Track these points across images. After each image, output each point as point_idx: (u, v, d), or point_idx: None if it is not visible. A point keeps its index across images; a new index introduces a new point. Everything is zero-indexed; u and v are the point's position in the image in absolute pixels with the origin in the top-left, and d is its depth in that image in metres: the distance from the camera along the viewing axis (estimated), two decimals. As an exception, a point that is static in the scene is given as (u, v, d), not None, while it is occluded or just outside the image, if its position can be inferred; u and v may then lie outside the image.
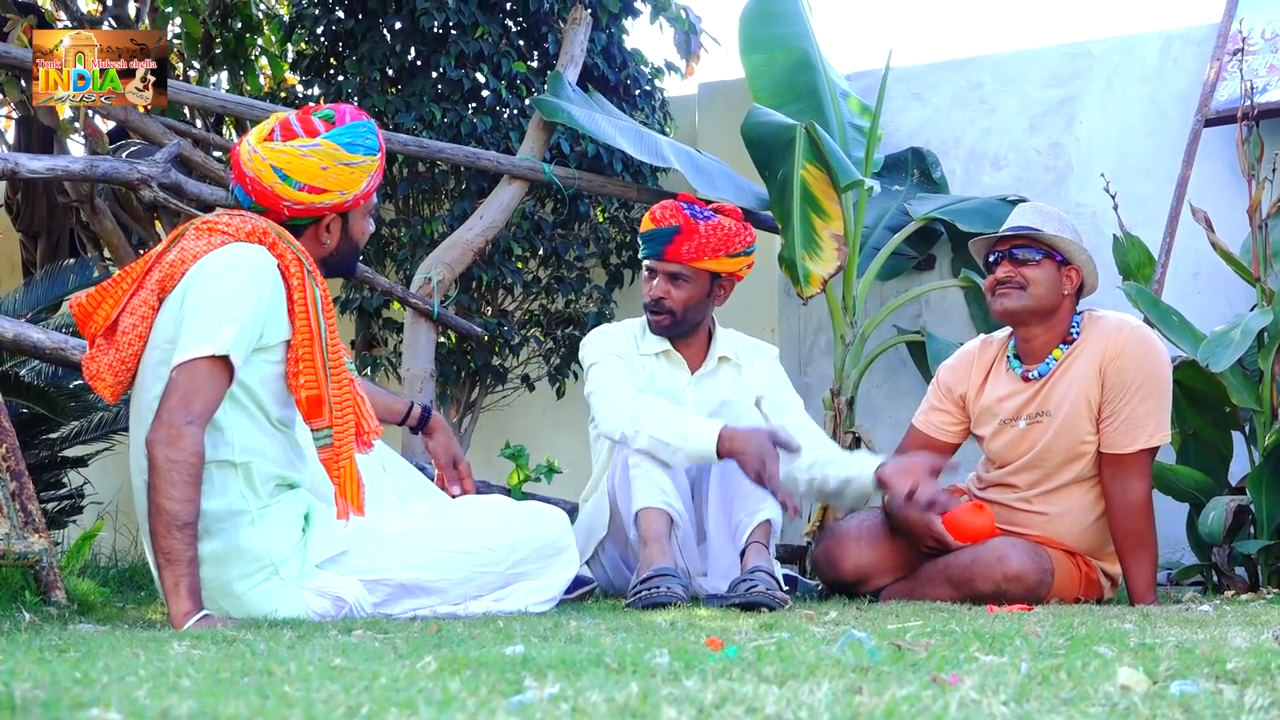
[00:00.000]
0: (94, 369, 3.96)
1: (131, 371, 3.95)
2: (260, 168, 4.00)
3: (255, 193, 4.03)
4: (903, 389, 7.18)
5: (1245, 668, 2.39)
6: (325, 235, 4.12)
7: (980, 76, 7.38)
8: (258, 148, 4.02)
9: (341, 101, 7.00)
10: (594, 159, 7.08)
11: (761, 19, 6.96)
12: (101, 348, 3.95)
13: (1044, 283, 5.03)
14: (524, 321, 7.44)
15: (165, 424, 3.67)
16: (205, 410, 3.72)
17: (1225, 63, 6.54)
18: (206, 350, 3.72)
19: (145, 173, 5.66)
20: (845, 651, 2.61)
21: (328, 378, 3.89)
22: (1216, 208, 6.08)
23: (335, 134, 4.04)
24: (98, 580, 4.83)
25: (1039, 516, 5.08)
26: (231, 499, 3.86)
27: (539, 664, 2.41)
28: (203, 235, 3.95)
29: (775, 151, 6.29)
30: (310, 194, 4.02)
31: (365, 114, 4.17)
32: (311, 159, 4.00)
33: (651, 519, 4.70)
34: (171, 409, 3.69)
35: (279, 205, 4.02)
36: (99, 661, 2.57)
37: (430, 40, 7.07)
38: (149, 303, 3.92)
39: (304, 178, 4.00)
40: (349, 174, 4.05)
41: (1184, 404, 5.65)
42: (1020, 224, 5.10)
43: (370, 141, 4.08)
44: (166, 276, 3.90)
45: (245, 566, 3.86)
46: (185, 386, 3.71)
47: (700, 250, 5.08)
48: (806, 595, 5.33)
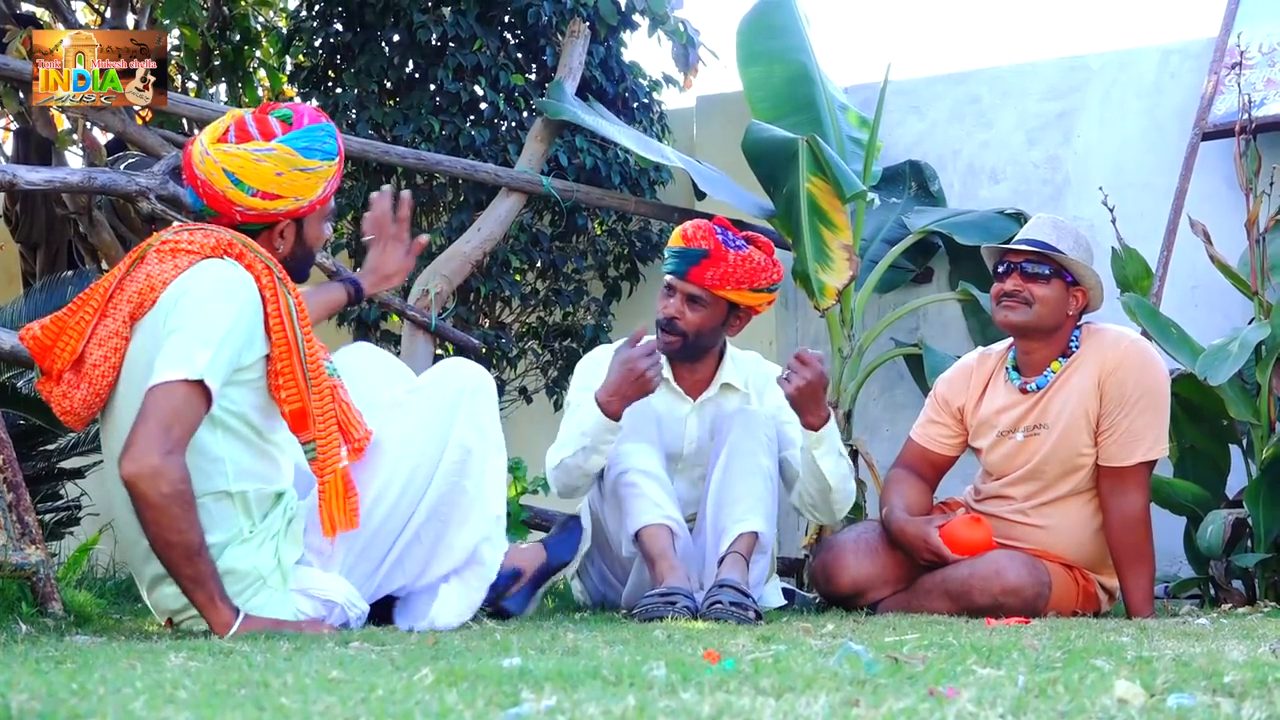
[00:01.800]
0: (66, 405, 3.83)
1: (104, 402, 3.82)
2: (212, 170, 3.87)
3: (207, 196, 3.90)
4: (900, 401, 7.18)
5: (1242, 681, 2.39)
6: (279, 241, 3.99)
7: (978, 90, 7.39)
8: (210, 149, 3.89)
9: (339, 114, 7.02)
10: (592, 171, 7.08)
11: (759, 32, 6.96)
12: (70, 383, 3.81)
13: (1051, 301, 5.02)
14: (522, 334, 7.44)
15: (144, 455, 3.55)
16: (183, 437, 3.61)
17: (1223, 76, 6.55)
18: (182, 374, 3.61)
19: (143, 185, 5.65)
20: (842, 664, 2.61)
21: (309, 388, 3.79)
22: (1214, 221, 6.08)
23: (291, 138, 3.92)
24: (94, 592, 4.82)
25: (1036, 529, 5.08)
26: (229, 531, 3.80)
27: (536, 676, 2.41)
28: (166, 258, 3.83)
29: (779, 166, 6.29)
30: (264, 200, 3.90)
31: (324, 116, 4.06)
32: (265, 164, 3.87)
33: (655, 535, 4.70)
34: (150, 435, 3.57)
35: (231, 210, 3.90)
36: (95, 673, 2.57)
37: (428, 53, 7.07)
38: (119, 332, 3.78)
39: (257, 183, 3.88)
40: (305, 179, 3.93)
41: (1182, 417, 5.65)
42: (1036, 238, 5.08)
43: (328, 146, 3.97)
44: (137, 304, 3.78)
45: (235, 585, 3.78)
46: (162, 411, 3.58)
47: (724, 279, 4.97)
48: (804, 608, 5.33)
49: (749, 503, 4.76)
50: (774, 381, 5.02)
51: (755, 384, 5.25)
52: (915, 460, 5.33)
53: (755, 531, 4.73)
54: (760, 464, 4.86)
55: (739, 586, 4.48)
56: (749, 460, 4.85)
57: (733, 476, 4.82)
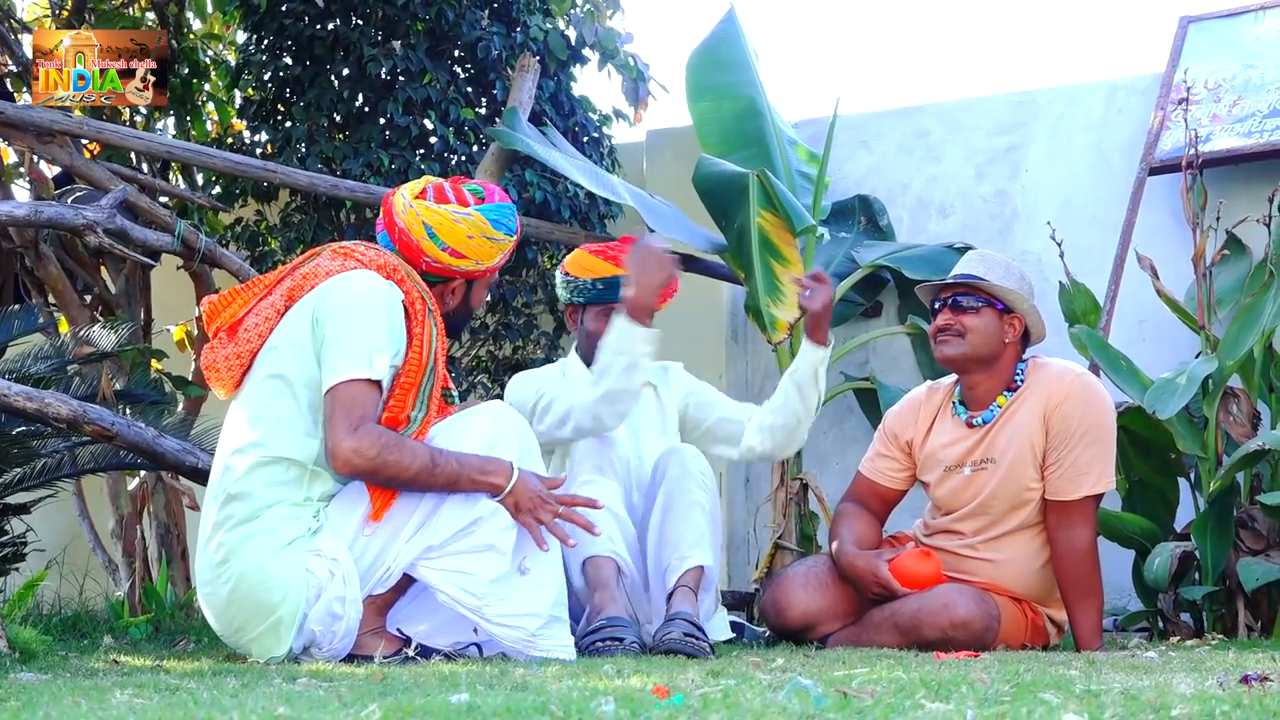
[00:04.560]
0: (210, 359, 4.34)
1: (245, 367, 4.29)
2: (412, 221, 4.37)
3: (401, 244, 4.40)
4: (850, 435, 7.19)
5: (1190, 714, 2.40)
6: (450, 296, 4.50)
7: (926, 124, 7.41)
8: (413, 203, 4.40)
9: (289, 148, 7.01)
10: (542, 205, 7.08)
11: (708, 66, 6.97)
12: (222, 341, 4.33)
13: (982, 331, 5.05)
14: (471, 368, 7.43)
15: (338, 445, 4.06)
16: (364, 417, 4.09)
17: (1169, 112, 6.59)
18: (362, 374, 4.12)
19: (90, 218, 5.64)
20: (791, 699, 2.60)
21: (423, 407, 4.26)
22: (1161, 255, 6.12)
23: (485, 209, 4.41)
24: (40, 628, 4.79)
25: (985, 563, 5.09)
26: (286, 493, 4.17)
27: (484, 712, 2.40)
28: (338, 257, 4.35)
29: (730, 200, 6.30)
30: (452, 256, 4.39)
31: (510, 198, 4.56)
32: (460, 226, 4.37)
33: (599, 566, 4.71)
34: (337, 426, 4.07)
35: (420, 259, 4.39)
36: (40, 710, 2.55)
37: (378, 87, 7.06)
38: (276, 307, 4.29)
39: (450, 240, 4.37)
40: (489, 247, 4.42)
41: (1130, 450, 5.68)
42: (963, 272, 5.13)
43: (511, 223, 4.46)
44: (297, 286, 4.29)
45: (266, 537, 4.13)
46: (343, 403, 4.09)
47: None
48: (753, 642, 5.32)
49: (692, 538, 4.79)
50: (669, 371, 5.41)
51: (657, 377, 5.38)
52: (864, 494, 5.34)
53: (702, 565, 4.75)
54: (698, 499, 4.90)
55: (691, 619, 4.50)
56: (686, 496, 4.89)
57: (673, 515, 4.84)
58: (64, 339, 6.04)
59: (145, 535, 7.17)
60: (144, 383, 6.15)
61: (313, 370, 4.19)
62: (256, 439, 4.18)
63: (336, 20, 7.13)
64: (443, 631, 4.27)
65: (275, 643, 4.12)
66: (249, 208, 7.52)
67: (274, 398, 4.20)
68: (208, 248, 6.21)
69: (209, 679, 3.34)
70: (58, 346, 5.85)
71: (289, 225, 7.23)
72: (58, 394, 5.00)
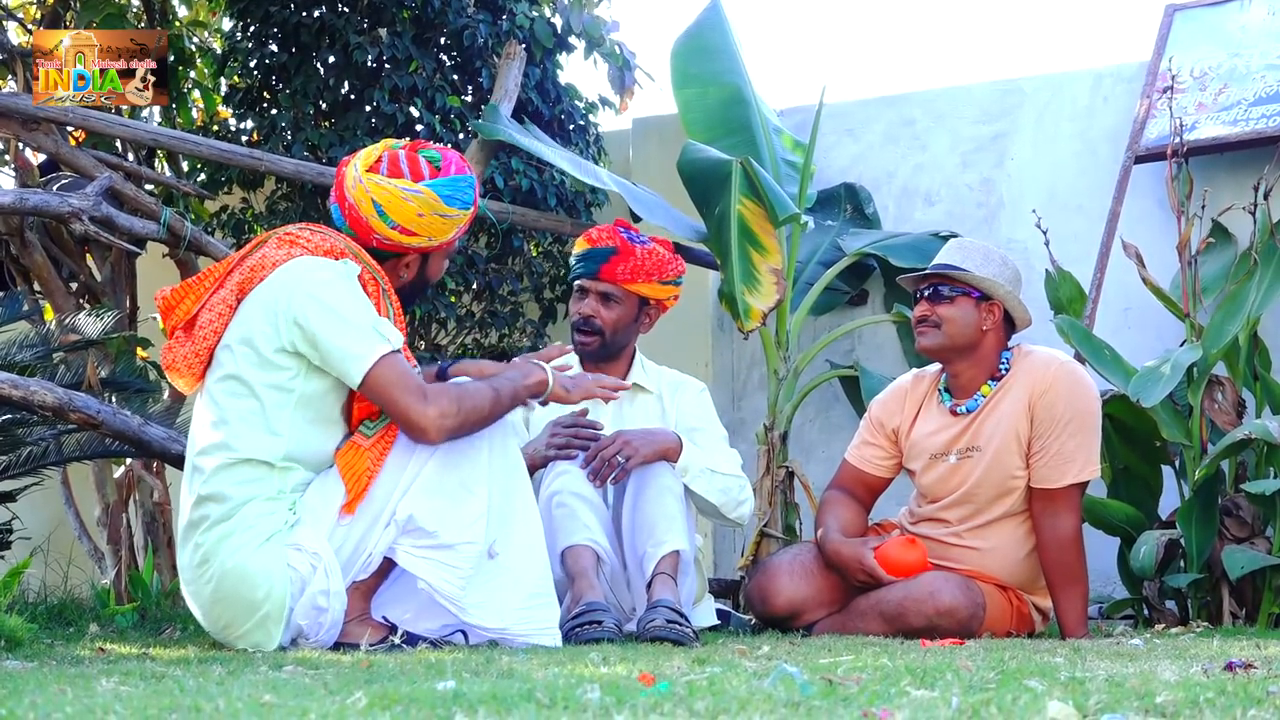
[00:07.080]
0: (170, 359, 4.26)
1: (205, 363, 4.21)
2: (361, 198, 4.27)
3: (350, 218, 4.31)
4: (836, 424, 7.19)
5: (1175, 701, 2.41)
6: (403, 270, 4.41)
7: (912, 113, 7.41)
8: (363, 177, 4.29)
9: (275, 135, 7.00)
10: (528, 194, 7.08)
11: (694, 54, 6.96)
12: (180, 340, 4.25)
13: (959, 320, 5.06)
14: (457, 356, 7.42)
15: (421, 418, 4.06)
16: (419, 384, 4.10)
17: (1155, 100, 6.59)
18: (382, 349, 4.08)
19: (76, 206, 5.63)
20: (777, 686, 2.61)
21: None
22: (1147, 244, 6.12)
23: (437, 184, 4.29)
24: (25, 616, 4.77)
25: (970, 551, 5.10)
26: (258, 489, 4.12)
27: (470, 699, 2.40)
28: (283, 245, 4.25)
29: (712, 187, 6.29)
30: (401, 234, 4.29)
31: (469, 166, 4.43)
32: (410, 204, 4.26)
33: (578, 555, 4.70)
34: (406, 404, 4.06)
35: (369, 236, 4.30)
36: (25, 698, 2.55)
37: (364, 74, 7.05)
38: (228, 301, 4.20)
39: (400, 218, 4.27)
40: (441, 223, 4.32)
41: (1115, 438, 5.69)
42: (941, 262, 5.14)
43: (467, 196, 4.34)
44: (246, 279, 4.20)
45: (244, 534, 4.09)
46: (391, 382, 4.07)
47: (635, 272, 5.18)
48: (739, 629, 5.33)
49: (665, 524, 4.77)
50: (685, 387, 5.36)
51: (666, 389, 5.37)
52: (850, 482, 5.34)
53: (677, 550, 4.74)
54: (667, 483, 4.87)
55: (673, 606, 4.50)
56: (655, 481, 4.87)
57: (644, 501, 4.82)
58: (49, 326, 6.04)
59: (131, 523, 7.17)
60: (129, 370, 6.15)
61: (273, 369, 4.13)
62: (221, 440, 4.13)
63: (322, 7, 7.11)
64: (427, 614, 4.26)
65: (265, 637, 4.11)
66: (235, 195, 7.50)
67: (234, 398, 4.14)
68: (193, 235, 6.20)
69: (195, 667, 3.34)
70: (43, 334, 5.85)
71: (275, 213, 7.22)
72: (43, 382, 5.00)
